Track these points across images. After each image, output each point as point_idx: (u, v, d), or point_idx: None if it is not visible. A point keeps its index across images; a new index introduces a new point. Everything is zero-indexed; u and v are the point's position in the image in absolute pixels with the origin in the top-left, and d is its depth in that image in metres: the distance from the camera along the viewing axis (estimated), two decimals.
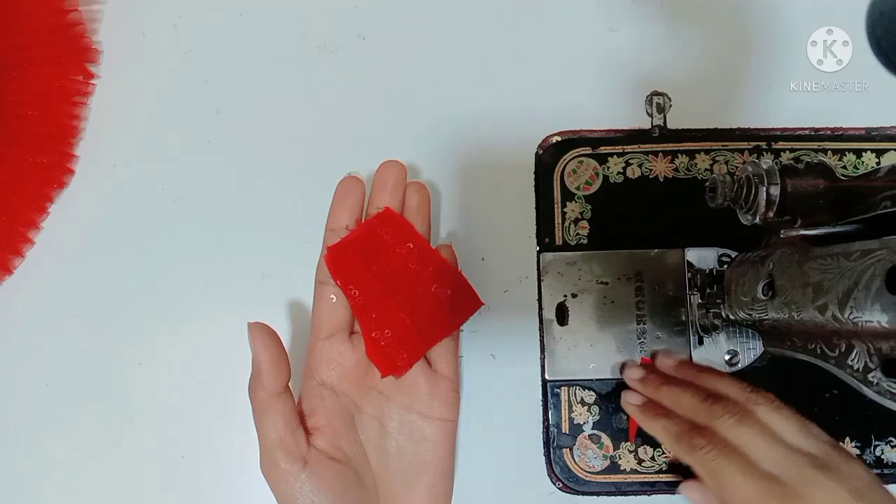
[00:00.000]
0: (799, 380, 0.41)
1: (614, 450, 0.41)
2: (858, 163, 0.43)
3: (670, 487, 0.40)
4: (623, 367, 0.40)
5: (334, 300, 0.37)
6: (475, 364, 0.42)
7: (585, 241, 0.42)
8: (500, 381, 0.42)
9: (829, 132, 0.43)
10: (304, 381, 0.37)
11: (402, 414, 0.37)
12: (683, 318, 0.41)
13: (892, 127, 0.43)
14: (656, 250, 0.42)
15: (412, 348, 0.37)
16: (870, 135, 0.43)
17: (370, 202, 0.39)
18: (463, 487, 0.40)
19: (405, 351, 0.36)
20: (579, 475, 0.41)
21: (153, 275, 0.43)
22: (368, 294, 0.37)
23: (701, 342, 0.41)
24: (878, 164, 0.43)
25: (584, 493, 0.41)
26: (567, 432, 0.41)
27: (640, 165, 0.43)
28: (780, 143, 0.43)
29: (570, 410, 0.41)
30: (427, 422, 0.37)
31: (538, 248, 0.43)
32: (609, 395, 0.41)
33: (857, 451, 0.40)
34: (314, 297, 0.38)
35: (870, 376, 0.28)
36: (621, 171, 0.43)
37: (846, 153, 0.43)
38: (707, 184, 0.35)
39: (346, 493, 0.34)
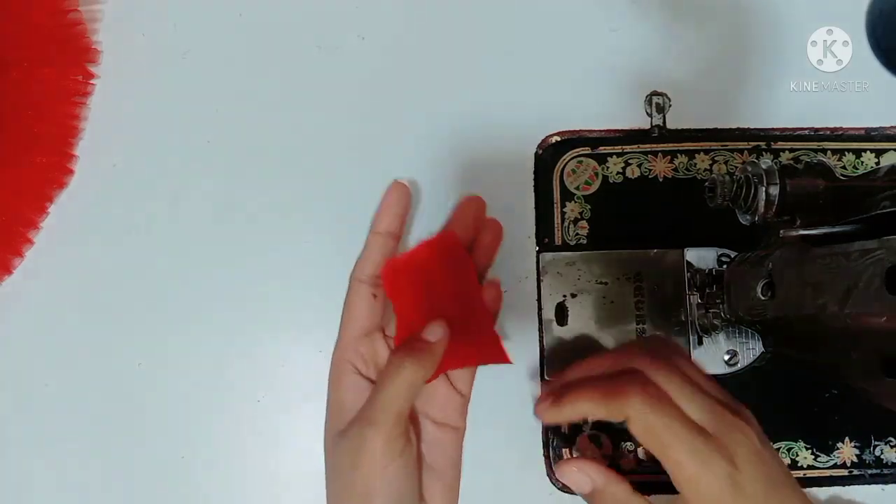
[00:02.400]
0: (798, 380, 0.41)
1: (614, 450, 0.41)
2: (858, 163, 0.43)
3: (670, 488, 0.40)
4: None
5: (376, 298, 0.38)
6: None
7: (585, 241, 0.42)
8: (500, 382, 0.42)
9: (828, 132, 0.43)
10: (344, 377, 0.37)
11: (419, 418, 0.38)
12: (683, 319, 0.41)
13: (892, 127, 0.43)
14: (656, 250, 0.42)
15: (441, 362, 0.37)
16: (869, 135, 0.43)
17: (447, 228, 0.40)
18: (463, 487, 0.40)
19: None
20: None
21: (153, 275, 0.43)
22: (409, 304, 0.37)
23: (700, 342, 0.41)
24: (877, 164, 0.43)
25: None
26: (566, 433, 0.41)
27: (639, 165, 0.43)
28: (779, 143, 0.43)
29: None
30: (437, 428, 0.37)
31: (538, 248, 0.43)
32: None
33: (857, 451, 0.41)
34: (349, 293, 0.38)
35: (869, 377, 0.28)
36: (621, 171, 0.43)
37: (845, 153, 0.43)
38: (706, 184, 0.35)
39: (417, 480, 0.36)
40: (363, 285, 0.38)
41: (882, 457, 0.40)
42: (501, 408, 0.42)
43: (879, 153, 0.43)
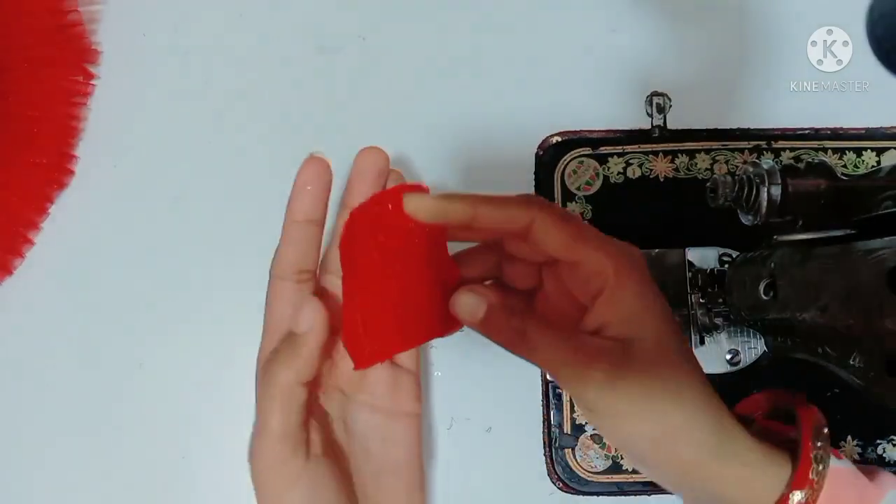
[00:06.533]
0: (801, 379, 0.41)
1: (616, 450, 0.41)
2: (858, 161, 0.43)
3: None
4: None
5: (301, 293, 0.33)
6: (476, 364, 0.42)
7: None
8: (500, 382, 0.42)
9: (828, 132, 0.43)
10: None
11: (365, 414, 0.34)
12: (684, 318, 0.41)
13: (892, 127, 0.43)
14: (657, 250, 0.42)
15: (388, 340, 0.32)
16: (870, 133, 0.43)
17: (347, 192, 0.34)
18: (463, 488, 0.40)
19: (379, 340, 0.32)
20: (581, 475, 0.41)
21: (153, 275, 0.43)
22: (363, 271, 0.32)
23: (702, 342, 0.41)
24: (878, 162, 0.43)
25: (585, 493, 0.41)
26: (569, 433, 0.41)
27: (640, 165, 0.43)
28: (780, 142, 0.43)
29: (572, 411, 0.41)
30: (391, 419, 0.34)
31: None
32: None
33: (859, 450, 0.41)
34: (269, 292, 0.33)
35: (871, 376, 0.28)
36: (621, 171, 0.43)
37: (846, 152, 0.43)
38: (708, 184, 0.35)
39: (339, 491, 0.33)
40: (284, 282, 0.32)
41: (884, 455, 0.40)
42: (501, 408, 0.42)
43: (880, 151, 0.43)
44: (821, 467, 0.30)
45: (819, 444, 0.30)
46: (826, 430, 0.31)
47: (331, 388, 0.34)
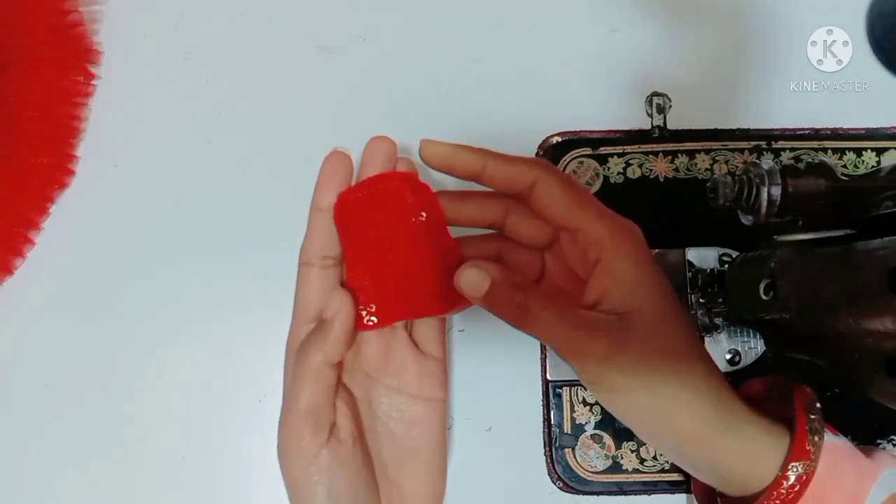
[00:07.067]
0: (800, 379, 0.41)
1: (616, 449, 0.41)
2: (858, 161, 0.43)
3: (672, 487, 0.40)
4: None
5: (316, 281, 0.35)
6: (475, 364, 0.42)
7: None
8: (500, 381, 0.42)
9: (828, 132, 0.43)
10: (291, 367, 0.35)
11: (390, 396, 0.35)
12: None
13: (892, 127, 0.43)
14: (657, 250, 0.42)
15: (388, 306, 0.33)
16: (870, 133, 0.43)
17: (359, 179, 0.36)
18: (463, 487, 0.40)
19: (377, 304, 0.33)
20: (581, 475, 0.41)
21: (154, 275, 0.43)
22: (361, 246, 0.34)
23: (702, 341, 0.41)
24: (878, 162, 0.43)
25: (586, 493, 0.41)
26: (569, 432, 0.41)
27: (640, 166, 0.43)
28: (780, 142, 0.43)
29: (573, 410, 0.41)
30: (417, 403, 0.35)
31: None
32: None
33: None
34: (298, 278, 0.35)
35: (871, 376, 0.28)
36: (621, 171, 0.43)
37: (846, 152, 0.43)
38: (708, 184, 0.35)
39: (359, 474, 0.33)
40: (311, 268, 0.34)
41: None
42: (501, 408, 0.42)
43: (880, 151, 0.43)
44: (816, 438, 0.30)
45: (812, 416, 0.31)
46: (818, 405, 0.32)
47: (355, 371, 0.35)
